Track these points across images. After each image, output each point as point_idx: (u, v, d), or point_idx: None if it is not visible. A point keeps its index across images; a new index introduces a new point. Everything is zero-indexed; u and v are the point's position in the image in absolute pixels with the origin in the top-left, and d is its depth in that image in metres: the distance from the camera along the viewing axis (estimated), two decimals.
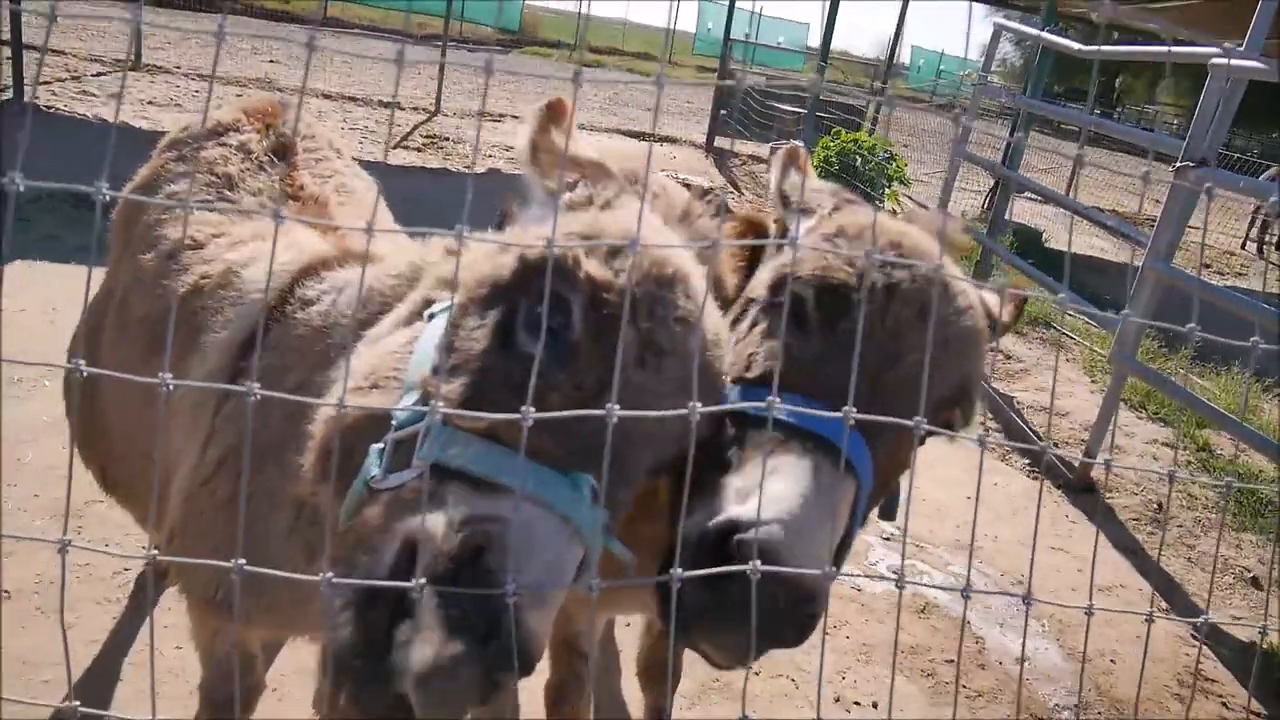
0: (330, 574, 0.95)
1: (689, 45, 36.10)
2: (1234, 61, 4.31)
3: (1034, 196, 12.45)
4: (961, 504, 5.01)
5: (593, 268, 1.21)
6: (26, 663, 2.86)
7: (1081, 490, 5.48)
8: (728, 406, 1.29)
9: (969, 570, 1.34)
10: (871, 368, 1.35)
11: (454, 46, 19.52)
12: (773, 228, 1.77)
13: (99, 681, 2.90)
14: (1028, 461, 5.78)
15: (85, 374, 0.92)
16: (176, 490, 1.79)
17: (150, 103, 11.27)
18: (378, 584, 1.01)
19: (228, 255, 1.94)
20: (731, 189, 12.21)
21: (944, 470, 5.15)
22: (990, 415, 6.32)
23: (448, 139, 12.09)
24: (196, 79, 13.26)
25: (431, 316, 1.35)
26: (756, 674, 3.42)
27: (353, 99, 13.87)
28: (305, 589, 1.68)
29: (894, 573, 4.28)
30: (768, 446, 1.27)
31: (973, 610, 4.05)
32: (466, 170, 10.46)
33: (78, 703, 0.94)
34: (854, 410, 1.14)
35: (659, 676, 2.57)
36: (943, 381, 1.39)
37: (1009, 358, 7.53)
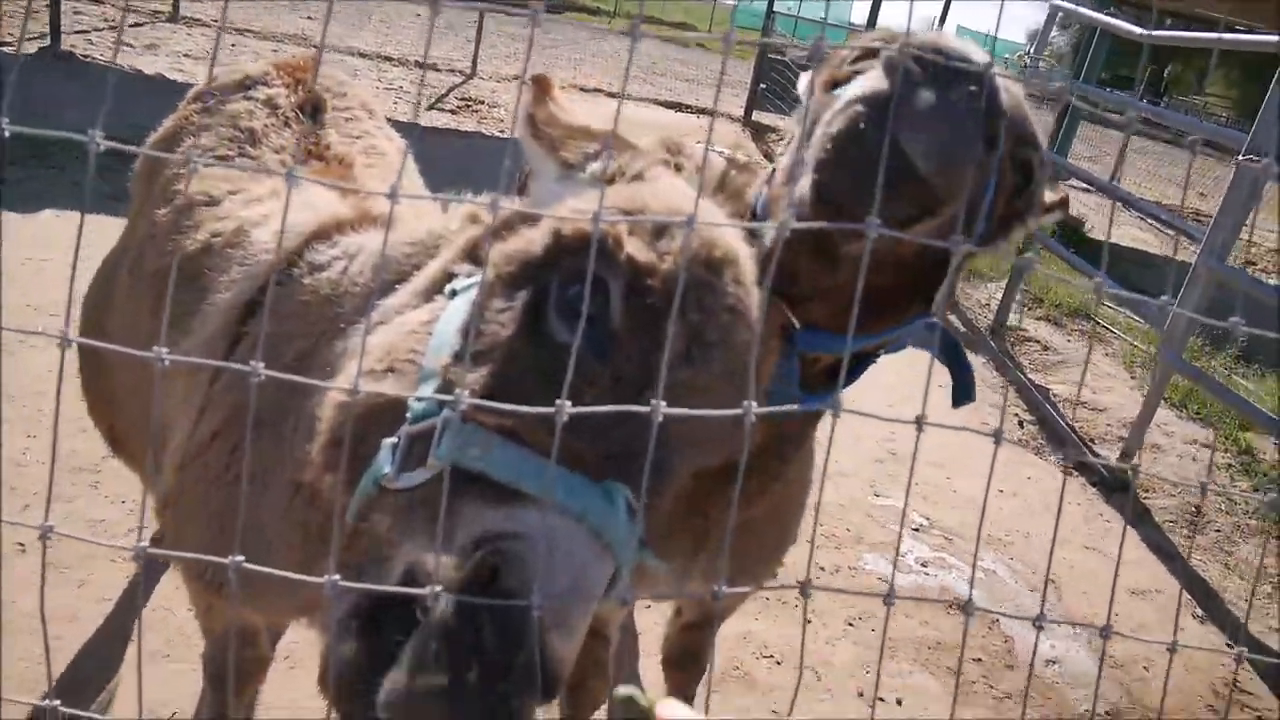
0: (337, 577, 0.84)
1: (728, 17, 35.54)
2: None
3: (1078, 184, 12.16)
4: (993, 498, 4.88)
5: (635, 248, 1.09)
6: (39, 618, 2.82)
7: (1116, 489, 5.33)
8: (788, 408, 1.19)
9: (1043, 600, 1.23)
10: None
11: (492, 8, 19.31)
12: None
13: (109, 641, 2.86)
14: (1061, 456, 5.64)
15: (73, 343, 0.82)
16: (170, 459, 1.71)
17: (186, 55, 11.21)
18: (385, 589, 0.91)
19: (241, 213, 1.85)
20: (767, 164, 11.99)
21: (976, 462, 5.01)
22: (1025, 408, 6.16)
23: (483, 102, 11.95)
24: (233, 32, 13.18)
25: (454, 294, 1.24)
26: (778, 664, 3.34)
27: (388, 58, 13.74)
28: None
29: (923, 565, 4.16)
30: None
31: (1003, 606, 3.94)
32: (501, 135, 10.34)
33: (58, 702, 0.86)
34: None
35: (684, 664, 2.49)
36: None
37: (1046, 349, 7.35)
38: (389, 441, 1.06)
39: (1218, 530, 5.12)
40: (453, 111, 11.22)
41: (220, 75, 2.52)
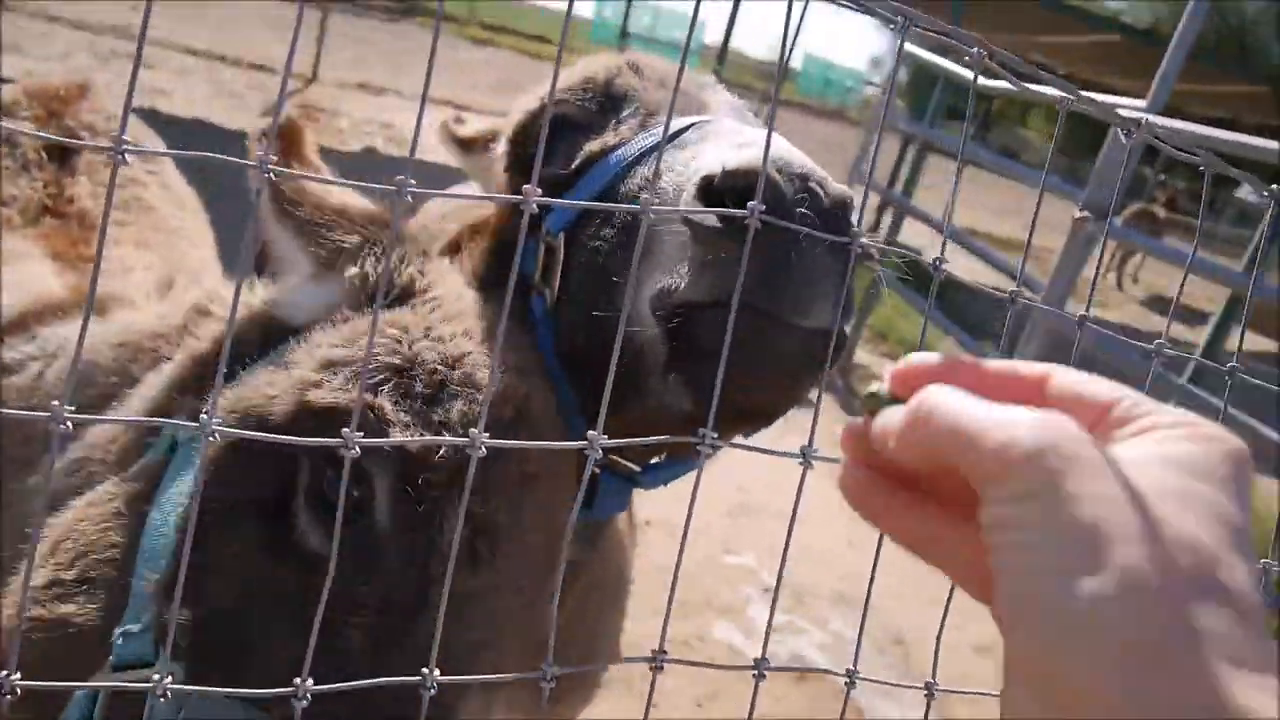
0: None
1: (587, 31, 35.51)
2: (1151, 118, 4.20)
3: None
4: (843, 551, 4.80)
5: (403, 429, 0.84)
6: None
7: None
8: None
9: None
10: None
11: (339, 10, 18.46)
12: None
13: None
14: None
15: None
16: None
17: None
18: None
19: None
20: None
21: (828, 513, 4.93)
22: None
23: (323, 110, 11.31)
24: (43, 20, 12.01)
25: (174, 447, 0.91)
26: None
27: (222, 58, 12.86)
28: None
29: (772, 629, 4.01)
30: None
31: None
32: (340, 149, 9.75)
33: None
34: None
35: None
36: None
37: (873, 378, 7.44)
38: (81, 694, 0.79)
39: None
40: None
41: None
